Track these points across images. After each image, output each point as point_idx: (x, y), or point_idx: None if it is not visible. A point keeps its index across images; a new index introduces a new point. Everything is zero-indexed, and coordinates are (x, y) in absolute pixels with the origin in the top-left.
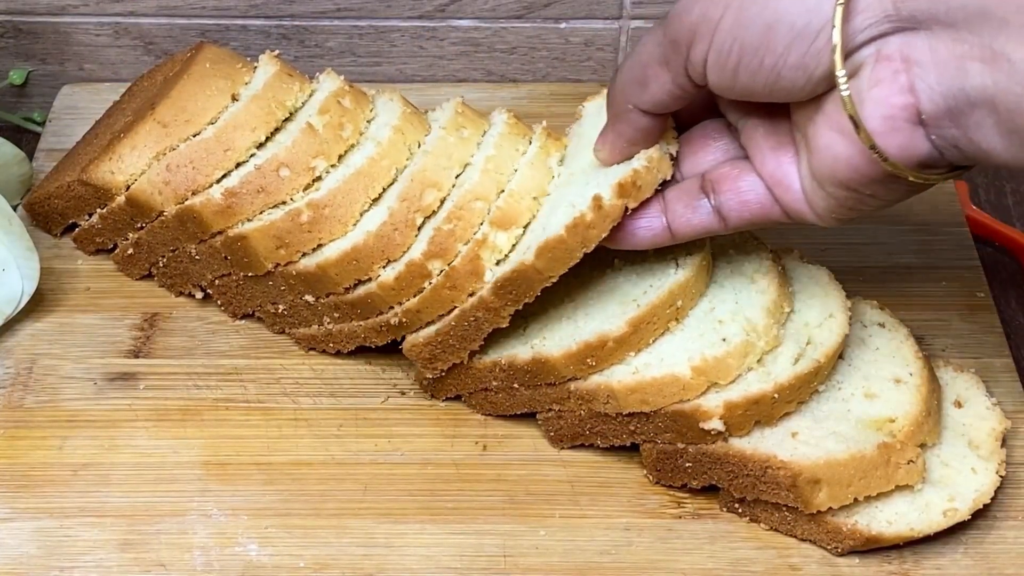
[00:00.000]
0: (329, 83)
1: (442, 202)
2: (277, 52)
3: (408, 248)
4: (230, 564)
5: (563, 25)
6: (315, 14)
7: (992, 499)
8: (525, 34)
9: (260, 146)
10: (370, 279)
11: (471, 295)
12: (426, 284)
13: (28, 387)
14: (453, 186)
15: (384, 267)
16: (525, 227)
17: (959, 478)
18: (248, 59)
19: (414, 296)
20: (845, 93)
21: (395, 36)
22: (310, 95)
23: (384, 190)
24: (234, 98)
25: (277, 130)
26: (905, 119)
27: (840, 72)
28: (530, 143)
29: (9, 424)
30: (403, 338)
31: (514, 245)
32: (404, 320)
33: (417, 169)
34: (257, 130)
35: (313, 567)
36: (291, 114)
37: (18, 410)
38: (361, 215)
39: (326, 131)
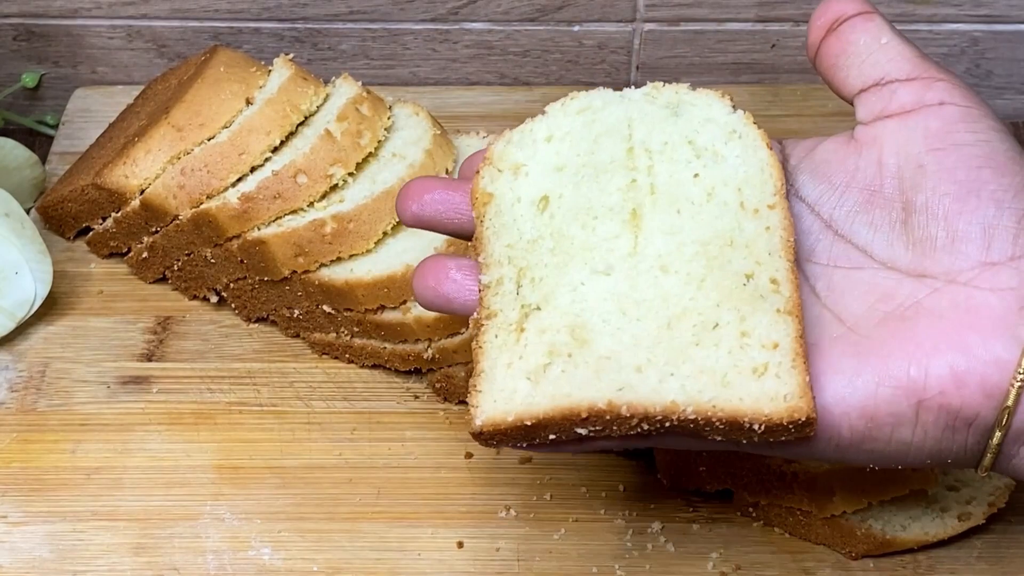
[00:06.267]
0: (346, 88)
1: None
2: (291, 55)
3: None
4: (243, 568)
5: (576, 28)
6: (328, 17)
7: (1006, 503)
8: (538, 37)
9: (275, 150)
10: (395, 307)
11: None
12: (463, 330)
13: (41, 391)
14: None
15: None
16: None
17: (974, 483)
18: (262, 62)
19: (450, 336)
20: None
21: (408, 39)
22: (325, 99)
23: None
24: (248, 102)
25: (292, 134)
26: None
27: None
28: None
29: (22, 428)
30: (429, 369)
31: None
32: (437, 356)
33: None
34: (272, 134)
35: (326, 571)
36: (306, 118)
37: (31, 414)
38: (384, 235)
39: (344, 138)
